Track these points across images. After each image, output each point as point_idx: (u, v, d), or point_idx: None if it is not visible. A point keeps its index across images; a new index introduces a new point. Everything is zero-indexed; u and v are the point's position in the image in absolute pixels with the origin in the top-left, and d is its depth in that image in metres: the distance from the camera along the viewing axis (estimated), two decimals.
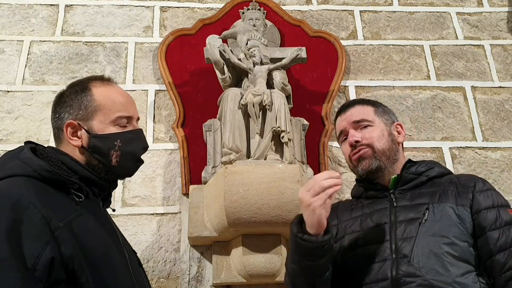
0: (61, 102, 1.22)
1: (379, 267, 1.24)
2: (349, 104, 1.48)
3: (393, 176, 1.36)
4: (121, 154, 1.19)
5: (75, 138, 1.18)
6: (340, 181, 1.18)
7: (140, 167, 1.30)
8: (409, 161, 1.40)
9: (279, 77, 2.14)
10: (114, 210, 1.34)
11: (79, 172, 1.13)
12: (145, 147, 1.27)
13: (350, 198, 1.52)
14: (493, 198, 1.26)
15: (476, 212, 1.24)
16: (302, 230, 1.20)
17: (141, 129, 1.28)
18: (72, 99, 1.20)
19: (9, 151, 1.13)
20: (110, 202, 1.28)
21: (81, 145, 1.17)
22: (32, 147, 1.13)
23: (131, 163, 1.25)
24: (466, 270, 1.18)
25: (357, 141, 1.38)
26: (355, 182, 1.51)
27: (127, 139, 1.21)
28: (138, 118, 1.29)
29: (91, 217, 1.09)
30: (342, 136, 1.45)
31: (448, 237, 1.20)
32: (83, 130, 1.17)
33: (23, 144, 1.15)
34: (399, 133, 1.45)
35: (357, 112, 1.43)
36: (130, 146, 1.21)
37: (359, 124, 1.41)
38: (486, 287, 1.19)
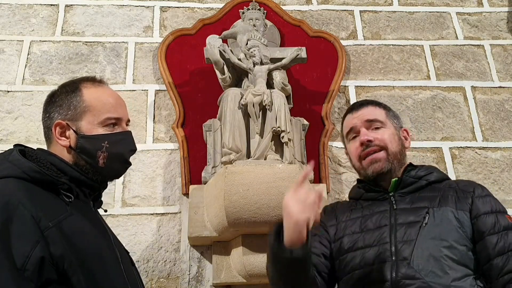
0: (52, 101, 1.22)
1: (378, 269, 1.24)
2: (362, 104, 1.47)
3: (393, 179, 1.36)
4: (108, 155, 1.18)
5: (63, 138, 1.18)
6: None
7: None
8: (410, 164, 1.40)
9: (279, 77, 2.14)
10: (106, 211, 1.34)
11: (69, 173, 1.13)
12: (133, 149, 1.27)
13: (346, 198, 1.52)
14: (492, 204, 1.27)
15: (476, 216, 1.25)
16: (279, 241, 1.12)
17: (130, 131, 1.27)
18: (62, 99, 1.20)
19: None
20: (101, 202, 1.27)
21: (69, 145, 1.17)
22: (21, 149, 1.13)
23: (118, 164, 1.24)
24: (464, 274, 1.19)
25: (370, 141, 1.36)
26: (355, 183, 1.50)
27: (115, 140, 1.20)
28: (129, 120, 1.28)
29: (81, 217, 1.09)
30: (352, 133, 1.43)
31: (447, 240, 1.21)
32: (71, 130, 1.17)
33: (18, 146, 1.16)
34: (405, 138, 1.46)
35: (370, 112, 1.42)
36: (117, 148, 1.21)
37: (371, 124, 1.40)
38: None
